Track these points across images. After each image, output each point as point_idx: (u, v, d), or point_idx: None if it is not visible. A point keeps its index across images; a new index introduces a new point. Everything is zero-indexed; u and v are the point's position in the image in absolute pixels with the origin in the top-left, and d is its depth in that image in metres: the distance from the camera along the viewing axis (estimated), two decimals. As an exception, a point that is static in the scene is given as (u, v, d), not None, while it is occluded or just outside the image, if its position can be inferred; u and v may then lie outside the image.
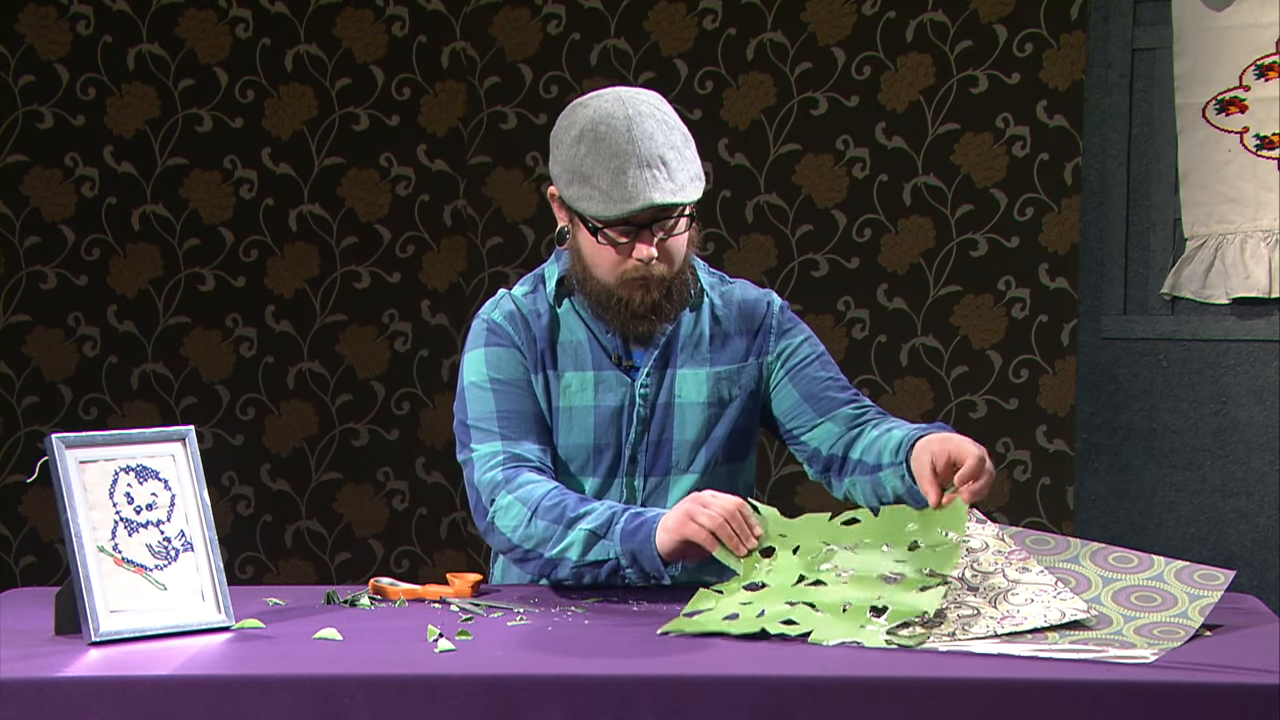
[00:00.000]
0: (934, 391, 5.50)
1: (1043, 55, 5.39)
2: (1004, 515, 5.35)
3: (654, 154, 2.90)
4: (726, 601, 2.66)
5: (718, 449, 3.06)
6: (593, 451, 3.03)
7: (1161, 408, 4.44)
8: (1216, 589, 2.66)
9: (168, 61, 5.59)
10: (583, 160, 2.92)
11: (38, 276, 5.60)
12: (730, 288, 3.14)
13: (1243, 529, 4.35)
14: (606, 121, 2.92)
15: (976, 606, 2.63)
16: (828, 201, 5.53)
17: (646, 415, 3.03)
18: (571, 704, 2.31)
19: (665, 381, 3.04)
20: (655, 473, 3.04)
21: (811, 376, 3.10)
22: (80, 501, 2.55)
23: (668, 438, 3.03)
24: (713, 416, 3.05)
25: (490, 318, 3.06)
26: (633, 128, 2.91)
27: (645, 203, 2.89)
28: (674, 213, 2.94)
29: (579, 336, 3.04)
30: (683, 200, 2.92)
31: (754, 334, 3.10)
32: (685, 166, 2.94)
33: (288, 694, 2.32)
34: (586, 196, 2.91)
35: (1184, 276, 4.39)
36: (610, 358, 3.03)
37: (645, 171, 2.89)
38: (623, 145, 2.90)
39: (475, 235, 5.67)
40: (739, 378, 3.07)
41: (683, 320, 3.06)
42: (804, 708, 2.30)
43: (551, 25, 5.59)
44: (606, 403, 3.02)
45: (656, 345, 3.04)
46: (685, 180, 2.93)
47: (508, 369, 3.02)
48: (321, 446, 5.66)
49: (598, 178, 2.90)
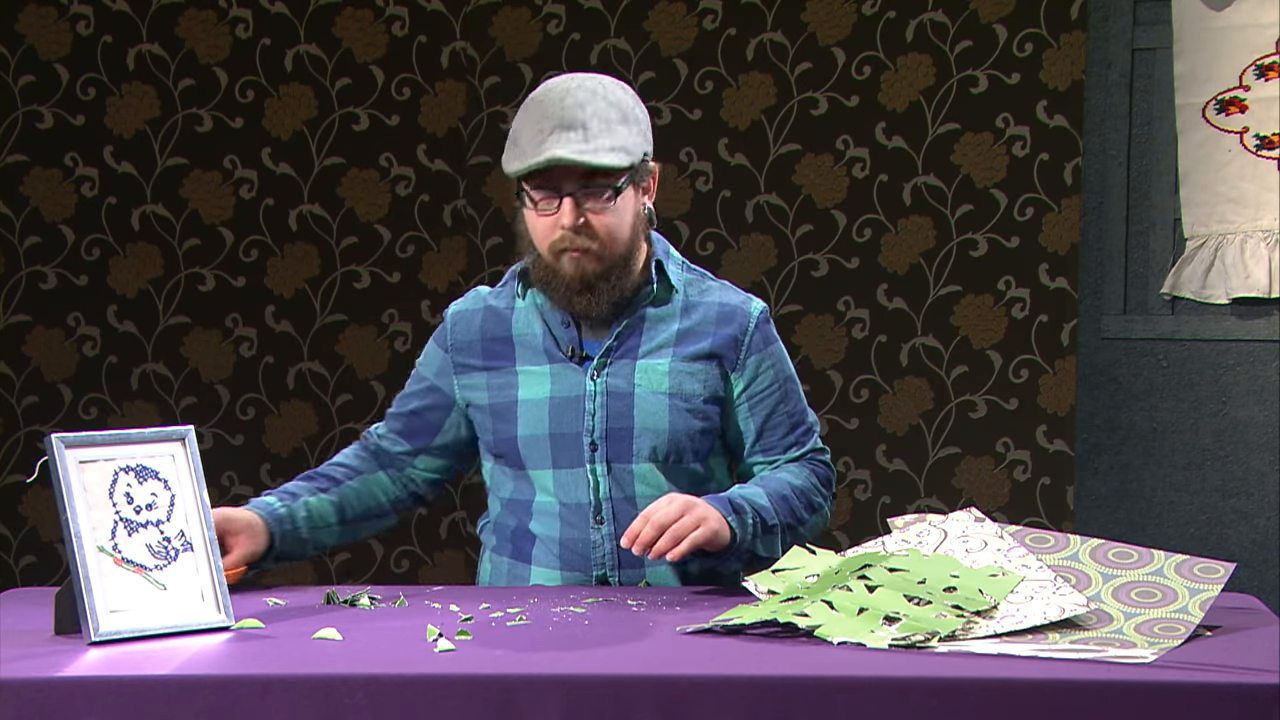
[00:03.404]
0: (934, 391, 5.50)
1: (1043, 55, 5.39)
2: (1004, 515, 5.35)
3: (576, 118, 2.96)
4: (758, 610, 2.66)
5: (680, 440, 3.07)
6: (550, 441, 3.05)
7: (1161, 408, 4.44)
8: (1217, 582, 2.66)
9: (168, 61, 5.59)
10: (516, 126, 3.00)
11: (38, 276, 5.61)
12: (709, 285, 3.14)
13: (1243, 529, 4.35)
14: (547, 91, 3.00)
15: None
16: (828, 201, 5.53)
17: (605, 403, 3.04)
18: (571, 704, 2.31)
19: (625, 371, 3.05)
20: (617, 460, 3.05)
21: (770, 409, 3.13)
22: (80, 501, 2.55)
23: (628, 426, 3.04)
24: (674, 408, 3.06)
25: (447, 312, 3.19)
26: (566, 97, 2.97)
27: (549, 156, 2.93)
28: (592, 181, 2.97)
29: (534, 330, 3.09)
30: (589, 161, 2.94)
31: (728, 340, 3.10)
32: (607, 136, 2.97)
33: (288, 694, 2.32)
34: (510, 158, 2.99)
35: (1184, 276, 4.40)
36: (563, 350, 3.05)
37: (561, 132, 2.94)
38: (551, 109, 2.97)
39: (475, 235, 5.67)
40: (703, 376, 3.08)
41: (646, 314, 3.07)
42: (804, 708, 2.30)
43: (551, 25, 5.59)
44: (561, 393, 3.05)
45: (611, 336, 3.06)
46: (601, 146, 2.96)
47: (427, 364, 3.18)
48: (321, 447, 5.66)
49: (521, 136, 2.98)
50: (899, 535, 2.87)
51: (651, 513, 2.88)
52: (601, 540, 3.05)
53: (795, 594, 2.67)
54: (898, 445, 5.52)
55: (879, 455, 5.53)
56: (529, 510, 3.09)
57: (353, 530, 3.17)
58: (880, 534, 2.93)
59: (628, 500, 3.05)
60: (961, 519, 2.88)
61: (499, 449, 3.10)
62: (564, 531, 3.06)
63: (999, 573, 2.71)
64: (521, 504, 3.10)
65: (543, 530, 3.08)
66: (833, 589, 2.66)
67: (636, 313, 3.07)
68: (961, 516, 2.89)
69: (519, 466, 3.08)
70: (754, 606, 2.68)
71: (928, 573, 2.71)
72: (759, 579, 2.81)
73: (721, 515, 2.92)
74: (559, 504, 3.06)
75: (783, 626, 2.57)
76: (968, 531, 2.83)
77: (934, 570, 2.71)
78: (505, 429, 3.08)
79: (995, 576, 2.70)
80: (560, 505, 3.06)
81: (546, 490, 3.07)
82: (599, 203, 2.99)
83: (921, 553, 2.79)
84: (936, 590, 2.65)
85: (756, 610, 2.64)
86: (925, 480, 5.51)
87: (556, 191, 2.98)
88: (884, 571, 2.70)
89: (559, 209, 2.98)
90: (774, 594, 2.73)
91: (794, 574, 2.78)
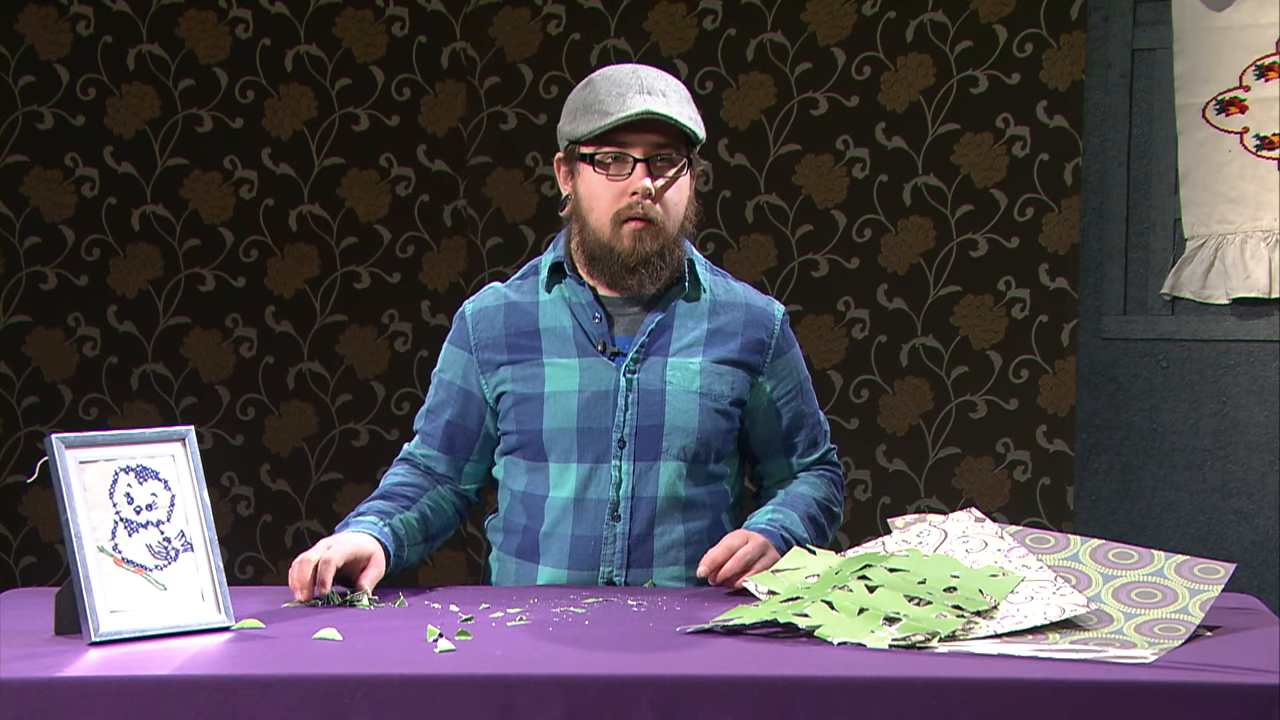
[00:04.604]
0: (934, 391, 5.50)
1: (1043, 55, 5.39)
2: (1004, 515, 5.35)
3: (655, 86, 3.01)
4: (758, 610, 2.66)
5: (709, 439, 3.08)
6: (577, 436, 3.04)
7: (1161, 408, 4.44)
8: (1217, 583, 2.66)
9: (168, 61, 5.59)
10: (586, 96, 3.03)
11: (38, 276, 5.61)
12: (734, 287, 3.18)
13: (1243, 529, 4.35)
14: (613, 69, 3.06)
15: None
16: (828, 201, 5.53)
17: (636, 400, 3.04)
18: (571, 704, 2.31)
19: (657, 368, 3.05)
20: (643, 458, 3.05)
21: (795, 411, 3.19)
22: (80, 501, 2.55)
23: (658, 424, 3.05)
24: (704, 407, 3.07)
25: (463, 311, 3.16)
26: (638, 70, 3.04)
27: (644, 108, 2.97)
28: (664, 151, 3.00)
29: (564, 323, 3.08)
30: (678, 118, 2.99)
31: (756, 344, 3.12)
32: (685, 106, 3.03)
33: (288, 694, 2.32)
34: (585, 121, 3.01)
35: (1184, 276, 4.40)
36: (594, 344, 3.05)
37: (644, 95, 3.00)
38: (626, 78, 3.02)
39: (475, 235, 5.67)
40: (730, 378, 3.09)
41: (676, 309, 3.08)
42: (804, 708, 2.30)
43: (551, 25, 5.59)
44: (591, 387, 3.04)
45: (644, 332, 3.05)
46: (684, 112, 3.02)
47: (451, 369, 3.16)
48: (321, 447, 5.66)
49: (599, 103, 3.01)
50: (899, 535, 2.88)
51: (735, 548, 2.93)
52: (615, 538, 3.05)
53: (795, 594, 2.67)
54: (898, 445, 5.52)
55: (879, 455, 5.53)
56: (541, 505, 3.09)
57: (432, 544, 3.16)
58: (880, 534, 2.93)
59: (648, 498, 3.05)
60: (961, 519, 2.88)
61: (522, 440, 3.09)
62: (576, 528, 3.06)
63: (999, 573, 2.71)
64: (534, 498, 3.09)
65: (554, 527, 3.08)
66: (833, 589, 2.66)
67: (668, 308, 3.08)
68: (961, 517, 2.89)
69: (540, 459, 3.07)
70: (754, 606, 2.68)
71: (928, 573, 2.71)
72: (759, 579, 2.81)
73: (777, 554, 2.98)
74: (576, 499, 3.06)
75: (783, 626, 2.57)
76: (968, 532, 2.83)
77: (934, 570, 2.71)
78: (531, 421, 3.07)
79: (995, 577, 2.70)
80: (577, 501, 3.06)
81: (564, 484, 3.07)
82: (672, 170, 3.01)
83: (922, 553, 2.79)
84: (937, 590, 2.65)
85: (756, 610, 2.64)
86: (925, 480, 5.51)
87: (628, 157, 2.99)
88: (884, 572, 2.70)
89: (631, 174, 2.99)
90: (774, 594, 2.73)
91: (794, 574, 2.78)
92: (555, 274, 3.11)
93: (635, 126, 2.99)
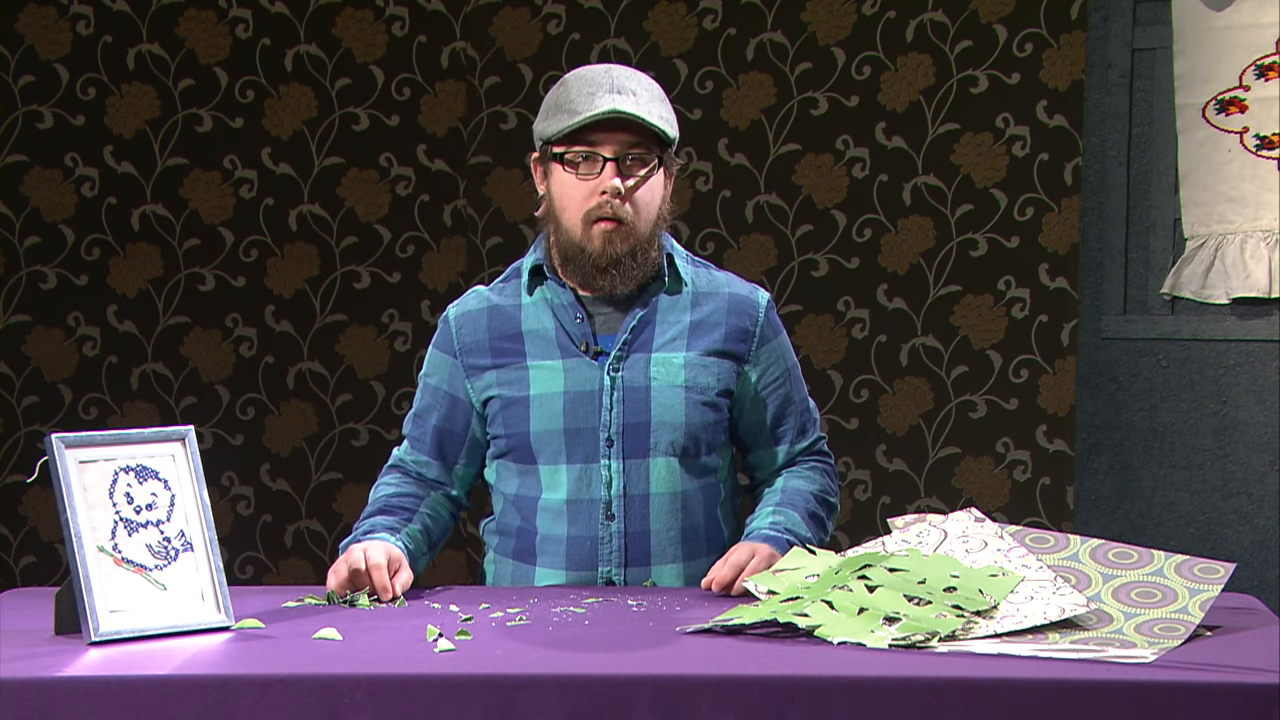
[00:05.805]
0: (934, 391, 5.50)
1: (1043, 55, 5.39)
2: (1004, 515, 5.35)
3: (626, 86, 3.02)
4: (758, 610, 2.66)
5: (697, 433, 3.07)
6: (565, 437, 3.04)
7: (1161, 408, 4.44)
8: (1217, 583, 2.66)
9: (168, 61, 5.59)
10: (559, 96, 3.04)
11: (38, 276, 5.61)
12: (716, 276, 3.16)
13: (1242, 529, 4.35)
14: (586, 69, 3.07)
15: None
16: (828, 201, 5.53)
17: (621, 398, 3.04)
18: (570, 703, 2.31)
19: (641, 365, 3.05)
20: (633, 455, 3.04)
21: (783, 398, 3.17)
22: (80, 501, 2.55)
23: (645, 421, 3.04)
24: (690, 401, 3.06)
25: (447, 315, 3.16)
26: (610, 71, 3.04)
27: (611, 108, 2.97)
28: (635, 150, 3.00)
29: (546, 325, 3.08)
30: (646, 117, 2.99)
31: (740, 332, 3.11)
32: (657, 106, 3.04)
33: (288, 694, 2.32)
34: (556, 120, 3.01)
35: (1184, 276, 4.39)
36: (577, 345, 3.05)
37: (614, 94, 3.00)
38: (598, 78, 3.03)
39: (475, 235, 5.67)
40: (716, 369, 3.08)
41: (658, 304, 3.08)
42: (804, 708, 2.30)
43: (551, 25, 5.59)
44: (576, 388, 3.04)
45: (625, 330, 3.05)
46: (654, 111, 3.02)
47: (436, 373, 3.15)
48: (321, 446, 5.67)
49: (569, 102, 3.01)
50: (899, 535, 2.88)
51: (742, 564, 2.91)
52: (610, 537, 3.05)
53: (795, 594, 2.67)
54: (898, 445, 5.52)
55: (879, 455, 5.53)
56: (534, 508, 3.08)
57: (434, 552, 3.18)
58: (880, 534, 2.93)
59: (641, 496, 3.05)
60: (961, 519, 2.88)
61: (510, 445, 3.09)
62: (571, 529, 3.06)
63: (999, 573, 2.71)
64: (527, 501, 3.09)
65: (549, 528, 3.07)
66: (833, 589, 2.66)
67: (649, 304, 3.08)
68: (961, 517, 2.89)
69: (529, 462, 3.07)
70: (754, 606, 2.69)
71: (928, 573, 2.71)
72: (759, 579, 2.81)
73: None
74: (569, 500, 3.06)
75: (783, 626, 2.57)
76: (968, 531, 2.83)
77: (934, 570, 2.72)
78: (518, 424, 3.07)
79: (995, 576, 2.70)
80: (570, 502, 3.06)
81: (556, 486, 3.06)
82: (643, 170, 3.01)
83: (921, 553, 2.79)
84: (936, 590, 2.65)
85: (756, 610, 2.64)
86: (925, 480, 5.51)
87: (599, 156, 2.99)
88: (884, 571, 2.70)
89: (601, 173, 2.99)
90: (774, 594, 2.73)
91: (794, 574, 2.78)
92: (536, 276, 3.11)
93: (606, 126, 2.99)
